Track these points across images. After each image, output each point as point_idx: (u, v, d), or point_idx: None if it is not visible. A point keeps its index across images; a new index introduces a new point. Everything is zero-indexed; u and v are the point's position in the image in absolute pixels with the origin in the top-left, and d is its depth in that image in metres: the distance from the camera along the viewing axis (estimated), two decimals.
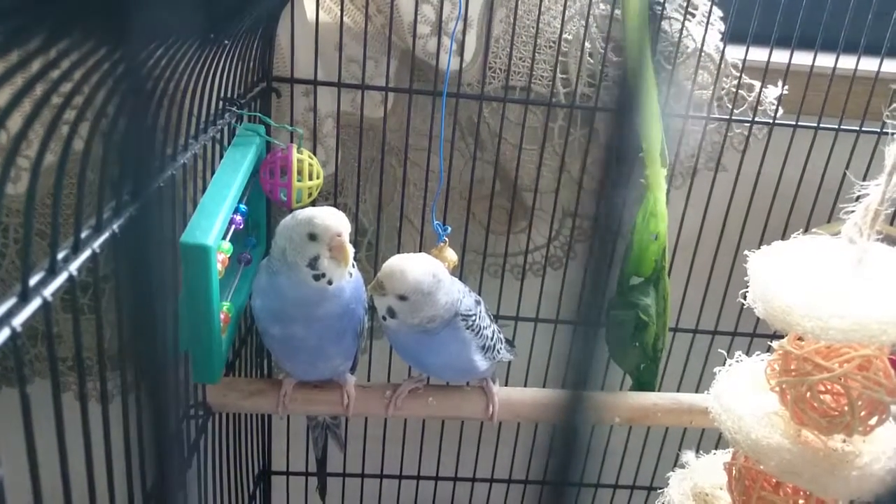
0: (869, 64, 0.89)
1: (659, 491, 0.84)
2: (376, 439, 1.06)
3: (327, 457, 0.91)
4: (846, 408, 0.61)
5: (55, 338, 0.89)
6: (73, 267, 0.40)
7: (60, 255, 0.40)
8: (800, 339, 0.65)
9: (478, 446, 1.08)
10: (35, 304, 0.36)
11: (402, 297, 0.67)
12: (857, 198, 0.64)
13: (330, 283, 0.66)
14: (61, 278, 0.38)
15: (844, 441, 0.65)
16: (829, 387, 0.64)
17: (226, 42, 0.64)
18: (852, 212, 0.62)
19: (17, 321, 0.34)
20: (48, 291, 0.37)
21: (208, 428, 0.74)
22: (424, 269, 0.68)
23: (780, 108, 0.92)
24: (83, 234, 0.42)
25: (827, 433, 0.63)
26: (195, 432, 0.71)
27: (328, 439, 0.89)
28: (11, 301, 0.35)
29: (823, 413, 0.62)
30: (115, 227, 0.45)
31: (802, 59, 0.88)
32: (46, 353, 0.93)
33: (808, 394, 0.63)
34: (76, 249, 0.41)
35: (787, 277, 0.62)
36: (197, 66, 0.60)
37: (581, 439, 0.20)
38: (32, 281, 0.37)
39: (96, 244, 0.43)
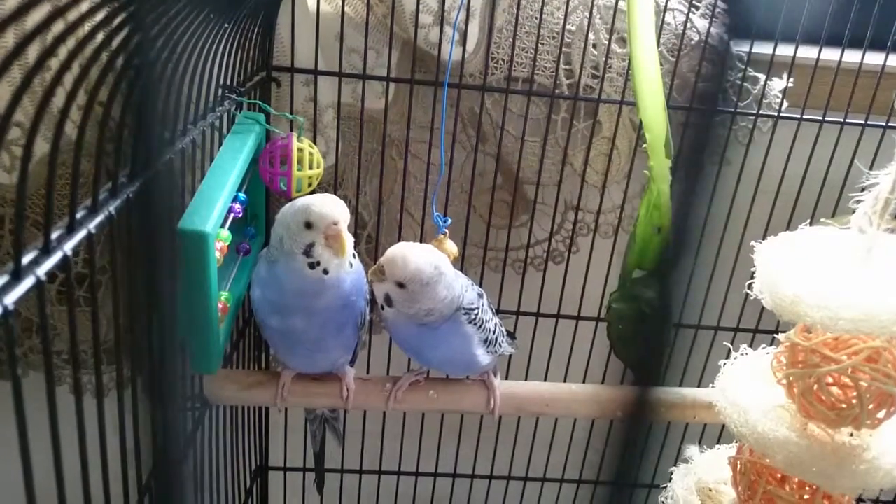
0: (874, 58, 0.88)
1: (662, 487, 0.83)
2: (375, 435, 1.05)
3: (325, 452, 0.90)
4: (854, 401, 0.61)
5: (51, 330, 0.87)
6: (68, 247, 0.38)
7: (55, 235, 0.39)
8: (807, 330, 0.64)
9: (477, 442, 1.07)
10: (28, 282, 0.35)
11: (401, 285, 0.66)
12: (863, 189, 0.63)
13: (326, 272, 0.65)
14: (55, 258, 0.37)
15: (852, 435, 0.64)
16: (836, 379, 0.63)
17: (226, 25, 0.63)
18: (862, 201, 0.61)
19: (10, 299, 0.33)
20: (41, 270, 0.36)
21: (205, 421, 0.73)
22: (427, 260, 0.67)
23: (784, 101, 0.91)
24: (78, 215, 0.41)
25: (835, 426, 0.62)
26: (191, 425, 0.70)
27: (326, 433, 0.88)
28: (3, 279, 0.34)
29: (831, 406, 0.62)
30: (111, 208, 0.44)
31: (807, 52, 0.88)
32: (40, 343, 0.92)
33: (816, 386, 0.62)
34: (71, 230, 0.40)
35: (796, 267, 0.61)
36: (195, 50, 0.59)
37: (644, 438, 0.19)
38: (25, 260, 0.36)
39: (92, 225, 0.41)
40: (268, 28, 0.84)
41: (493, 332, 0.74)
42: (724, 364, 0.74)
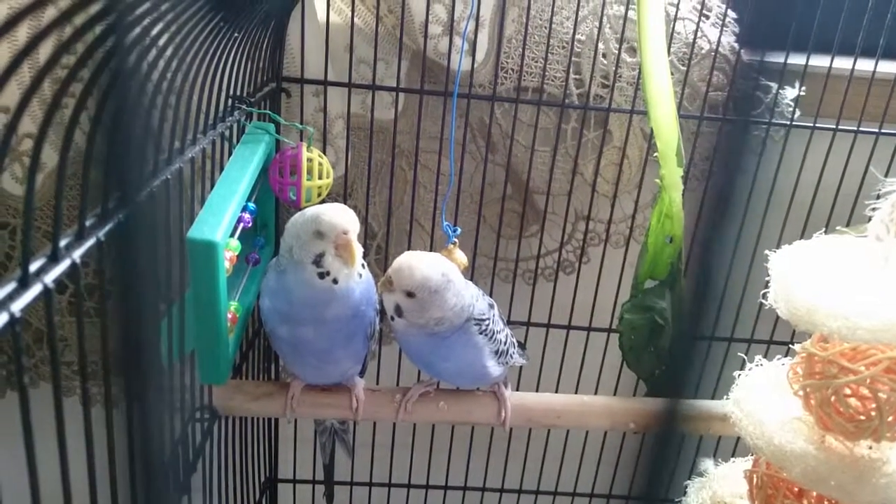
0: (887, 66, 0.88)
1: (676, 502, 0.82)
2: (385, 447, 1.04)
3: (335, 464, 0.89)
4: (873, 412, 0.59)
5: (60, 341, 0.87)
6: (77, 254, 0.38)
7: (63, 243, 0.38)
8: (824, 340, 0.63)
9: (488, 455, 1.06)
10: (35, 290, 0.34)
11: (410, 294, 0.66)
12: (878, 196, 0.62)
13: (335, 281, 0.65)
14: (63, 265, 0.37)
15: (871, 447, 0.63)
16: (855, 390, 0.61)
17: (236, 35, 0.63)
18: (878, 209, 0.60)
19: (17, 307, 0.33)
20: (49, 278, 0.35)
21: (214, 432, 0.73)
22: (434, 268, 0.66)
23: (797, 109, 0.91)
24: (88, 223, 0.41)
25: (854, 439, 0.61)
26: (200, 436, 0.69)
27: (336, 445, 0.87)
28: (10, 286, 0.33)
29: (850, 418, 0.60)
30: (120, 216, 0.44)
31: (820, 61, 0.87)
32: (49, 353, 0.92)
33: (834, 398, 0.60)
34: (80, 237, 0.40)
35: (812, 276, 0.60)
36: (206, 59, 0.59)
37: (673, 451, 0.19)
38: (33, 267, 0.35)
39: (101, 232, 0.41)
40: (278, 39, 0.84)
41: (504, 343, 0.73)
42: (739, 375, 0.73)
